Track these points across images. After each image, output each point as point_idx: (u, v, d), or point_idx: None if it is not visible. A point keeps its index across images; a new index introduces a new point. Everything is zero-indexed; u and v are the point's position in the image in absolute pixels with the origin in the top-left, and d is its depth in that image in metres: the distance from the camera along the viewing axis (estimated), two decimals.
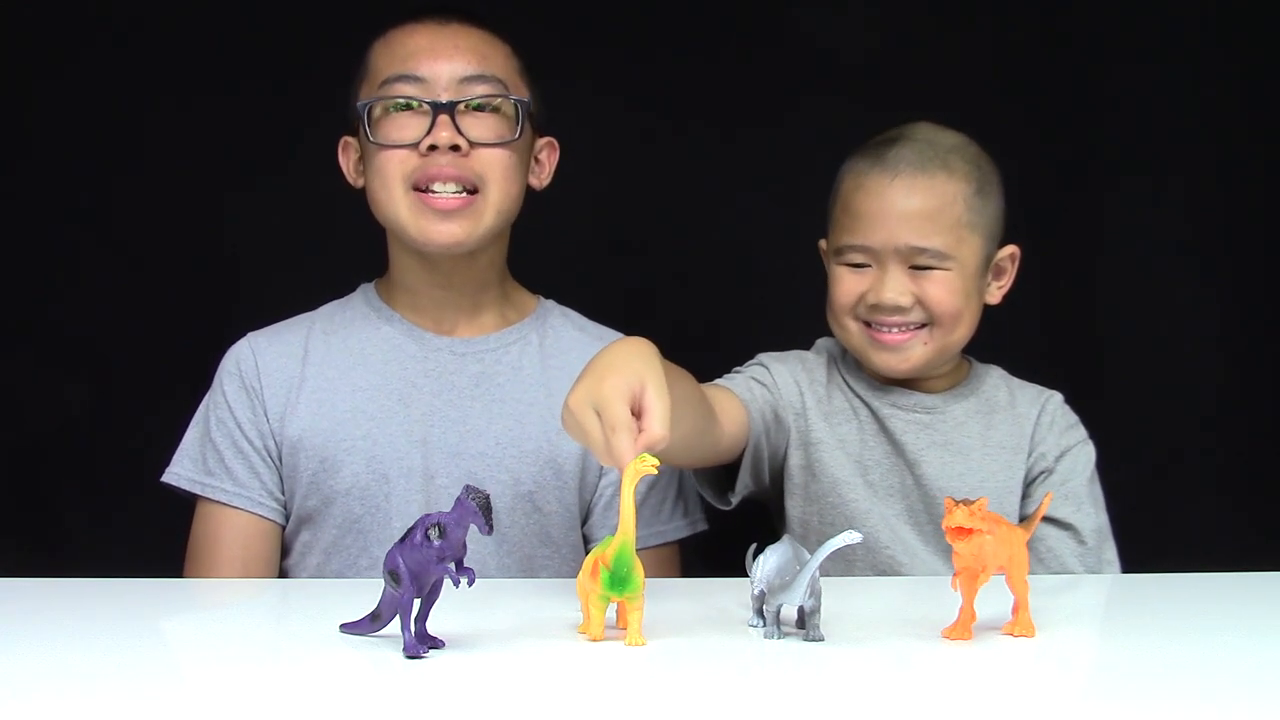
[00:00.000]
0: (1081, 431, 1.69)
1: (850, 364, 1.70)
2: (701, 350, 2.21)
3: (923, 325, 1.61)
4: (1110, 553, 1.65)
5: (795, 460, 1.65)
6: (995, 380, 1.72)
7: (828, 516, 1.62)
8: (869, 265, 1.61)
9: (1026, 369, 1.76)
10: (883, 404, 1.67)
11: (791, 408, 1.66)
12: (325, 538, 1.63)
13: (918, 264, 1.60)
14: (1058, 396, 1.71)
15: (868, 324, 1.63)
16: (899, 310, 1.60)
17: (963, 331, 1.63)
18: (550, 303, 1.77)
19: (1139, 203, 2.27)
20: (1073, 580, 1.58)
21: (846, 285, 1.63)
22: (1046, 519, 1.62)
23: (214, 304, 2.19)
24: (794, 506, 1.64)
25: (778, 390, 1.65)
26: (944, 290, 1.60)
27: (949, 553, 1.23)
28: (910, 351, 1.62)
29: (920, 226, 1.59)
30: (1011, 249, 1.68)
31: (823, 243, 1.71)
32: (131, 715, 0.97)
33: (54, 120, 2.20)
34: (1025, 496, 1.66)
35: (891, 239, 1.59)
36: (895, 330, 1.61)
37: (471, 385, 1.67)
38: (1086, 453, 1.68)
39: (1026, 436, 1.67)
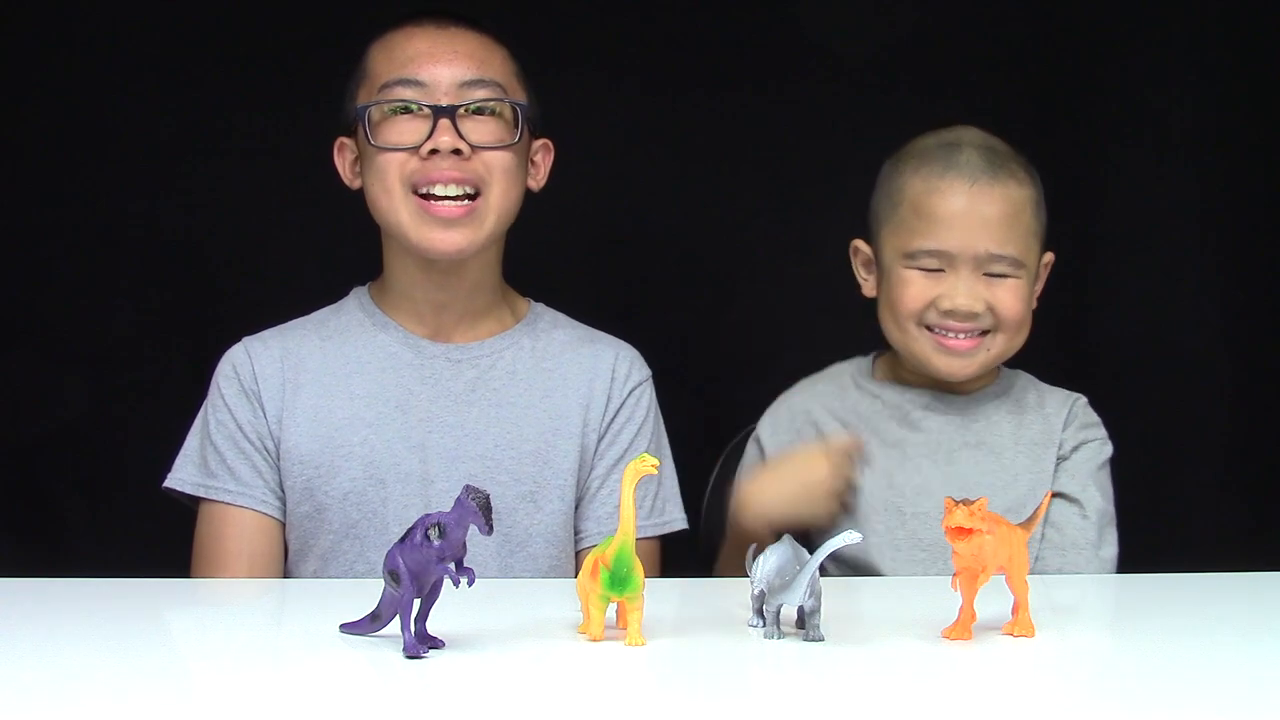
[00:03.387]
0: (1101, 431, 1.71)
1: (874, 381, 1.71)
2: (698, 352, 2.22)
3: (986, 331, 1.63)
4: (1110, 537, 1.66)
5: None
6: (1024, 383, 1.74)
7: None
8: (941, 270, 1.62)
9: (1028, 369, 1.76)
10: (915, 406, 1.67)
11: None
12: (322, 543, 1.63)
13: (992, 271, 1.61)
14: (1084, 399, 1.73)
15: (929, 328, 1.63)
16: (971, 316, 1.61)
17: (1022, 337, 1.66)
18: (540, 306, 1.77)
19: (1141, 203, 2.27)
20: (1073, 580, 1.58)
21: (917, 289, 1.63)
22: (1055, 495, 1.64)
23: (211, 305, 2.19)
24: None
25: None
26: (1014, 298, 1.62)
27: None
28: (976, 357, 1.64)
29: (999, 234, 1.61)
30: (1048, 256, 1.70)
31: (858, 242, 1.71)
32: (131, 715, 0.97)
33: (50, 124, 2.21)
34: None
35: (971, 245, 1.60)
36: (963, 336, 1.62)
37: (467, 391, 1.67)
38: (1101, 448, 1.69)
39: (1056, 433, 1.68)
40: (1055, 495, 1.64)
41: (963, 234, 1.60)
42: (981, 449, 1.66)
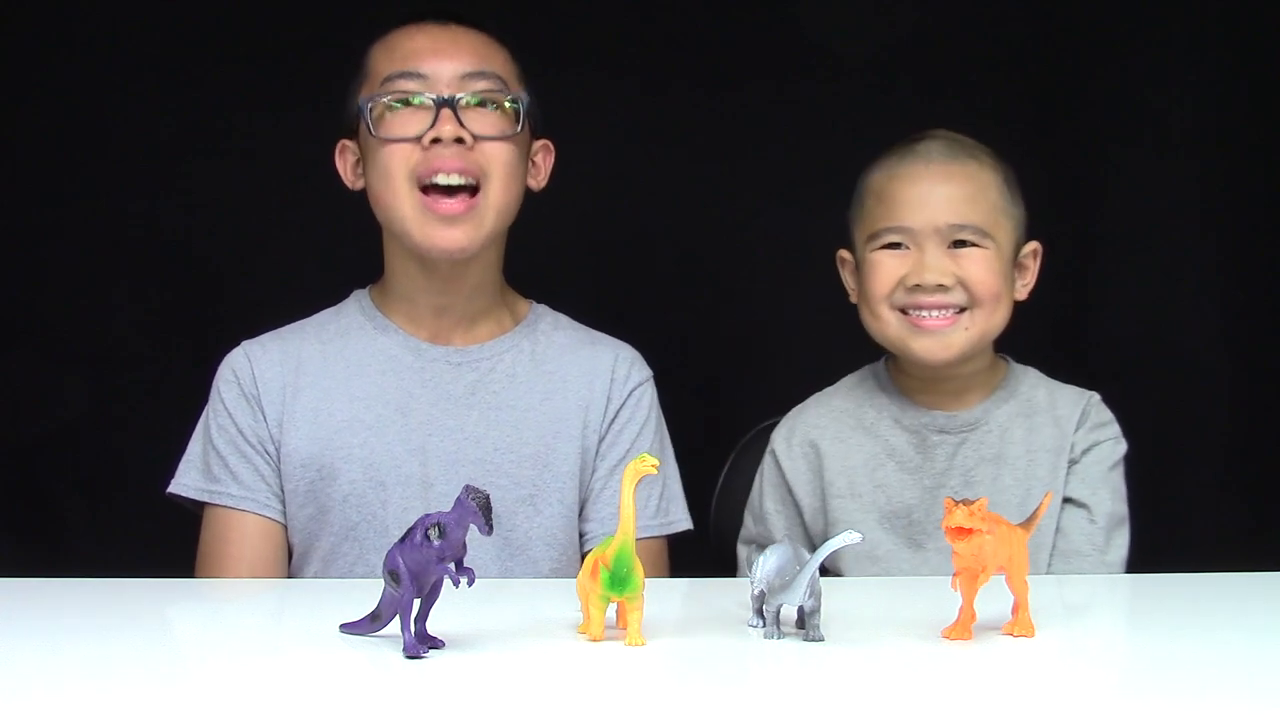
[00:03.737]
0: (1113, 430, 1.68)
1: (890, 392, 1.70)
2: (698, 352, 2.22)
3: (962, 310, 1.61)
4: (1119, 540, 1.64)
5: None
6: (1033, 381, 1.71)
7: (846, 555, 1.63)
8: (907, 248, 1.62)
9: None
10: (929, 430, 1.67)
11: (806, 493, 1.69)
12: (322, 546, 1.63)
13: (958, 240, 1.60)
14: (1096, 397, 1.70)
15: (904, 312, 1.62)
16: (940, 290, 1.60)
17: (1001, 315, 1.63)
18: (541, 308, 1.77)
19: (1141, 203, 2.27)
20: (1073, 580, 1.58)
21: (885, 270, 1.62)
22: (1065, 500, 1.63)
23: (211, 305, 2.19)
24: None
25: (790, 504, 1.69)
26: (984, 268, 1.61)
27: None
28: (952, 337, 1.61)
29: (961, 206, 1.61)
30: (1034, 245, 1.68)
31: (843, 252, 1.71)
32: (132, 715, 0.97)
33: (50, 124, 2.21)
34: None
35: (931, 219, 1.60)
36: (936, 315, 1.61)
37: (468, 394, 1.67)
38: (1113, 448, 1.67)
39: (1068, 436, 1.66)
40: (1065, 500, 1.63)
41: (924, 210, 1.60)
42: (999, 463, 1.65)
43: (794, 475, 1.69)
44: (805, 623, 1.16)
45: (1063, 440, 1.66)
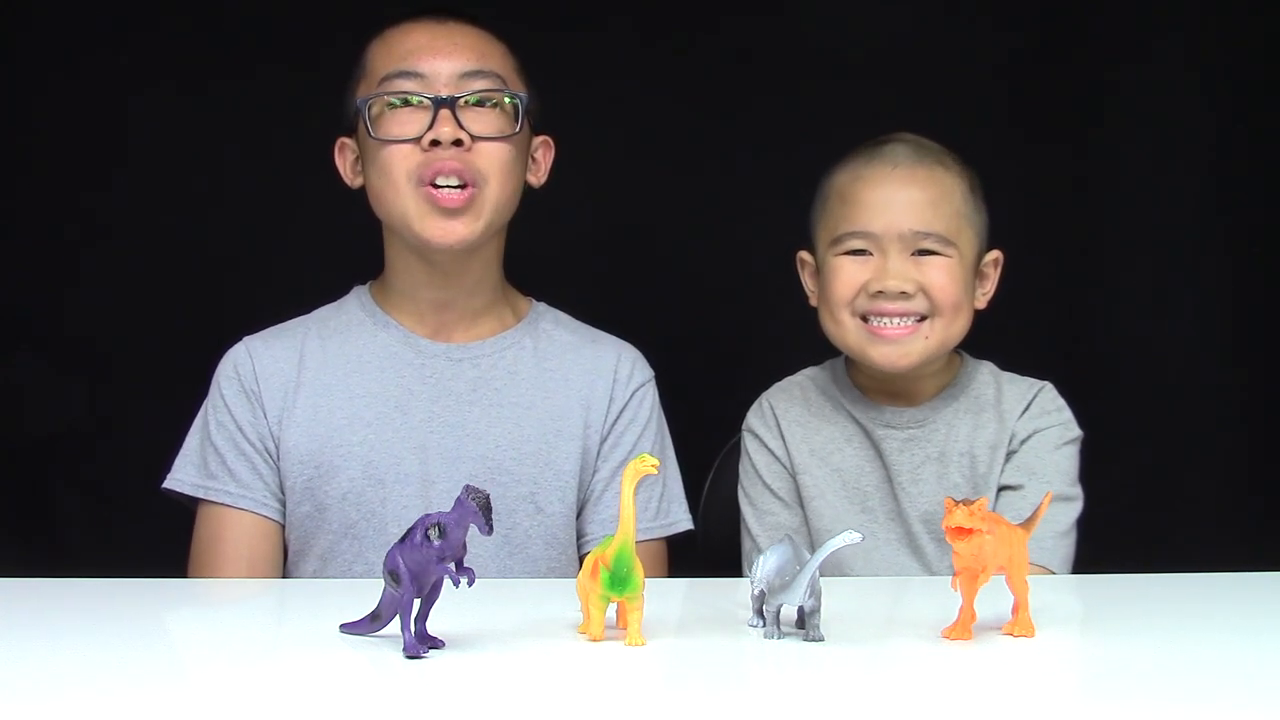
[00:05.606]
0: (1060, 417, 1.66)
1: (842, 384, 1.71)
2: (697, 353, 2.22)
3: (923, 318, 1.61)
4: (1059, 515, 1.60)
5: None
6: (985, 377, 1.70)
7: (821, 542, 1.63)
8: (869, 253, 1.61)
9: (1027, 368, 1.76)
10: (875, 425, 1.67)
11: (790, 473, 1.69)
12: (321, 543, 1.63)
13: (921, 248, 1.60)
14: (1047, 386, 1.69)
15: (864, 319, 1.62)
16: (902, 297, 1.59)
17: (961, 324, 1.63)
18: (542, 306, 1.77)
19: (1141, 202, 2.27)
20: (1073, 580, 1.58)
21: (846, 275, 1.62)
22: (1000, 487, 1.62)
23: (211, 305, 2.19)
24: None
25: (784, 482, 1.70)
26: (946, 277, 1.60)
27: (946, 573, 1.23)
28: (912, 346, 1.61)
29: (925, 212, 1.60)
30: (995, 254, 1.68)
31: (803, 254, 1.71)
32: (131, 715, 0.97)
33: (52, 125, 2.21)
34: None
35: (895, 224, 1.59)
36: (897, 323, 1.60)
37: (469, 390, 1.67)
38: (1059, 433, 1.65)
39: (1008, 430, 1.65)
40: (1001, 489, 1.62)
41: (887, 214, 1.60)
42: (943, 461, 1.65)
43: (775, 446, 1.70)
44: (805, 623, 1.16)
45: (1003, 434, 1.65)
